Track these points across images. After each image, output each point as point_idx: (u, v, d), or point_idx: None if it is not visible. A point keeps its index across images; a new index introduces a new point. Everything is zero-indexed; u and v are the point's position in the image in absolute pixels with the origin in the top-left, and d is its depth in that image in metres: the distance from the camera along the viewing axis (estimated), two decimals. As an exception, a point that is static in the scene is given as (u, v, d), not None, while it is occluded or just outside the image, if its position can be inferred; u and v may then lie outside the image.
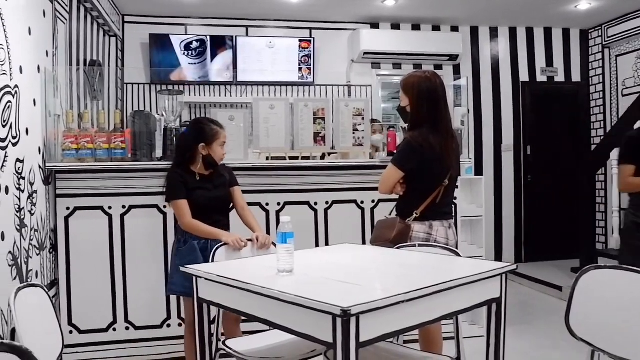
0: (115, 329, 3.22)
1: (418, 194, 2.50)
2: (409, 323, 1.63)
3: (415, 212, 2.48)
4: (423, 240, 2.48)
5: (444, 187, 2.50)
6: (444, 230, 2.52)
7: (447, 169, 2.50)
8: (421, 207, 2.48)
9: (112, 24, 4.80)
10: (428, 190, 2.49)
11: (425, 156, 2.43)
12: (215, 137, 2.65)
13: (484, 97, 5.99)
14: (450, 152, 2.49)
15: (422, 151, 2.43)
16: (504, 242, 6.04)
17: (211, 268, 2.03)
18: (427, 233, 2.50)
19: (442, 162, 2.47)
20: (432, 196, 2.48)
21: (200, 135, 2.66)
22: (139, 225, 3.22)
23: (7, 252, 2.40)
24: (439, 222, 2.51)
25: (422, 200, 2.48)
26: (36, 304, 1.81)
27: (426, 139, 2.44)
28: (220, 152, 2.68)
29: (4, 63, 2.41)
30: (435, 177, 2.49)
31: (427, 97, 2.48)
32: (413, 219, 2.49)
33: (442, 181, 2.49)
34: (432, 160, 2.44)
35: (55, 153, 3.11)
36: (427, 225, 2.50)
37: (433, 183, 2.49)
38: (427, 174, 2.48)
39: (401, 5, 5.15)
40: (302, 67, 5.51)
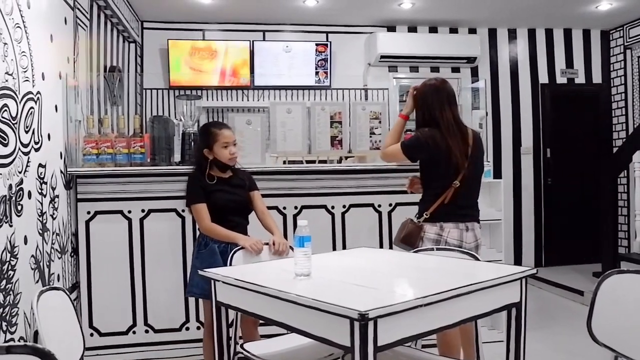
0: (135, 332, 3.25)
1: (430, 195, 2.58)
2: (427, 327, 1.62)
3: (425, 213, 2.55)
4: (433, 241, 2.51)
5: (453, 188, 2.52)
6: (457, 232, 2.52)
7: (455, 170, 2.51)
8: (431, 208, 2.54)
9: (132, 30, 4.87)
10: (437, 191, 2.55)
11: (432, 154, 2.53)
12: (214, 140, 2.65)
13: (503, 100, 5.93)
14: (457, 152, 2.50)
15: (428, 148, 2.53)
16: (524, 245, 5.96)
17: (229, 271, 2.04)
18: (438, 234, 2.53)
19: (448, 162, 2.50)
20: (441, 197, 2.53)
21: (203, 141, 2.70)
22: (158, 229, 3.26)
23: (30, 256, 2.44)
24: (453, 223, 2.53)
25: (433, 201, 2.55)
26: (58, 307, 1.83)
27: (432, 137, 2.52)
28: (223, 153, 2.65)
29: (26, 70, 2.46)
30: (443, 178, 2.53)
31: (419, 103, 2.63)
32: (423, 219, 2.55)
33: (451, 182, 2.52)
34: (439, 160, 2.52)
35: (76, 158, 3.16)
36: (438, 226, 2.54)
37: (441, 184, 2.54)
38: (435, 173, 2.56)
39: (418, 8, 5.13)
40: (319, 71, 5.52)
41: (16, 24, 2.34)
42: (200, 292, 2.58)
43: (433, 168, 2.56)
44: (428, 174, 2.61)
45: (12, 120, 2.29)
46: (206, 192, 2.63)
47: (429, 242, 2.51)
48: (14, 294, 2.25)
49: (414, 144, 2.61)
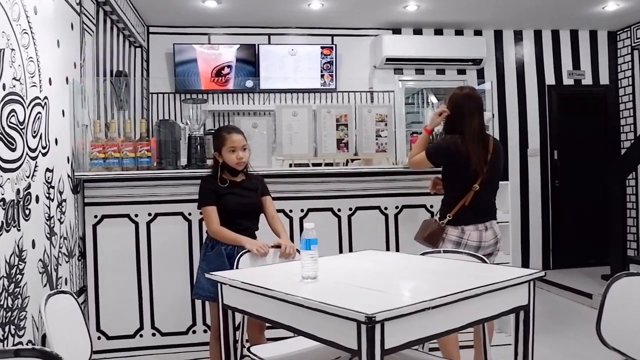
0: (142, 335, 3.26)
1: (451, 197, 2.73)
2: (435, 330, 1.61)
3: (448, 215, 2.69)
4: (454, 243, 2.66)
5: (474, 191, 2.67)
6: (477, 233, 2.68)
7: (476, 174, 2.67)
8: (453, 210, 2.69)
9: (138, 35, 4.90)
10: (458, 194, 2.70)
11: (453, 158, 2.68)
12: (222, 144, 2.67)
13: (509, 102, 5.91)
14: (475, 158, 2.66)
15: (449, 153, 2.70)
16: (531, 248, 5.93)
17: (235, 275, 2.05)
18: (459, 237, 2.68)
19: (469, 167, 2.66)
20: (462, 201, 2.68)
21: (214, 144, 2.73)
22: (164, 233, 3.26)
23: (37, 260, 2.45)
24: (473, 226, 2.69)
25: (454, 204, 2.69)
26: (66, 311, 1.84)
27: (454, 144, 2.68)
28: (230, 157, 2.66)
29: (33, 75, 2.48)
30: (464, 182, 2.68)
31: (453, 109, 2.77)
32: (447, 221, 2.70)
33: (472, 186, 2.67)
34: (459, 165, 2.67)
35: (83, 162, 3.17)
36: (460, 229, 2.69)
37: (462, 188, 2.69)
38: (456, 177, 2.71)
39: (423, 10, 5.13)
40: (324, 74, 5.52)
41: (23, 30, 2.36)
42: (206, 294, 2.59)
43: (454, 171, 2.73)
44: (450, 177, 2.78)
45: (20, 125, 2.30)
46: (217, 195, 2.65)
47: (450, 243, 2.67)
48: (22, 298, 2.26)
49: (436, 150, 2.81)
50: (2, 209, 2.10)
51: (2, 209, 2.10)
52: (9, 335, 2.12)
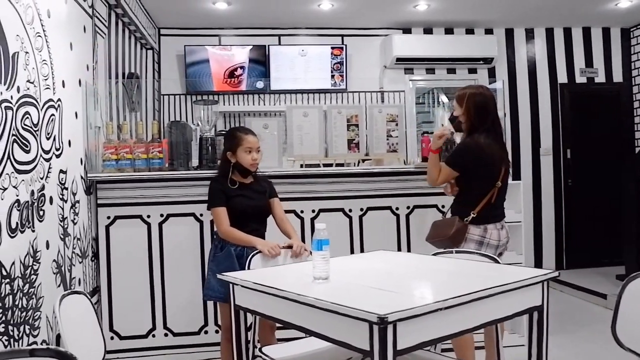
0: (155, 335, 3.28)
1: (474, 195, 2.69)
2: (447, 331, 1.60)
3: (472, 212, 2.66)
4: (476, 243, 2.65)
5: (497, 188, 2.69)
6: (496, 232, 2.68)
7: (499, 172, 2.69)
8: (477, 207, 2.66)
9: (149, 37, 4.93)
10: (482, 192, 2.68)
11: (481, 158, 2.66)
12: (238, 144, 2.67)
13: (521, 100, 5.86)
14: (501, 157, 2.70)
15: (477, 153, 2.66)
16: (544, 248, 5.88)
17: (247, 275, 2.05)
18: (482, 236, 2.66)
19: (494, 164, 2.67)
20: (487, 197, 2.67)
21: (226, 144, 2.73)
22: (176, 234, 3.28)
23: (51, 260, 2.48)
24: (493, 225, 2.68)
25: (478, 202, 2.66)
26: (80, 311, 1.86)
27: (478, 143, 2.67)
28: (246, 158, 2.68)
29: (47, 78, 2.50)
30: (488, 179, 2.68)
31: (479, 109, 2.72)
32: (471, 219, 2.66)
33: (495, 183, 2.68)
34: (487, 164, 2.66)
35: (96, 164, 3.20)
36: (482, 228, 2.67)
37: (487, 185, 2.68)
38: (481, 175, 2.68)
39: (433, 9, 5.11)
40: (335, 74, 5.52)
41: (37, 33, 2.39)
42: (216, 295, 2.60)
43: (477, 172, 2.68)
44: (470, 178, 2.72)
45: (34, 127, 2.33)
46: (227, 197, 2.65)
47: (472, 243, 2.65)
48: (37, 298, 2.28)
49: (459, 153, 2.77)
50: (17, 210, 2.13)
51: (17, 210, 2.13)
52: (23, 335, 2.15)
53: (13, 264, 2.08)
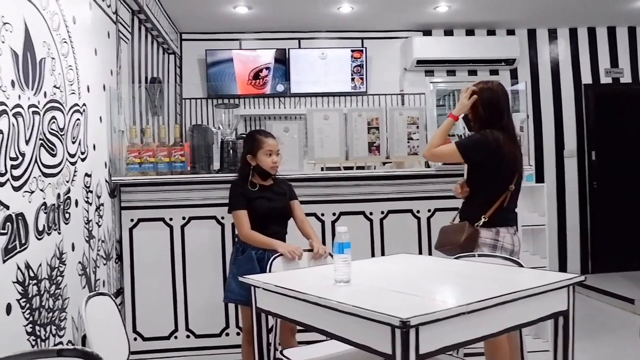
0: (177, 336, 3.31)
1: (485, 198, 2.52)
2: (470, 335, 1.58)
3: (483, 216, 2.48)
4: (490, 247, 2.48)
5: (510, 192, 2.51)
6: (510, 236, 2.52)
7: (513, 174, 2.52)
8: (489, 211, 2.48)
9: (171, 42, 5.00)
10: (494, 194, 2.51)
11: (493, 155, 2.47)
12: (258, 147, 2.69)
13: (544, 102, 5.78)
14: (515, 157, 2.53)
15: (491, 149, 2.46)
16: (569, 252, 5.77)
17: (269, 278, 2.06)
18: (494, 239, 2.49)
19: (510, 166, 2.50)
20: (499, 200, 2.49)
21: (247, 147, 2.74)
22: (198, 236, 3.31)
23: (77, 262, 2.52)
24: (505, 228, 2.51)
25: (490, 205, 2.49)
26: (105, 312, 1.89)
27: (498, 140, 2.47)
28: (266, 160, 2.69)
29: (73, 83, 2.55)
30: (503, 181, 2.51)
31: (489, 104, 2.54)
32: (481, 224, 2.49)
33: (509, 186, 2.51)
34: (500, 163, 2.48)
35: (120, 167, 3.25)
36: (494, 231, 2.50)
37: (500, 187, 2.51)
38: (495, 176, 2.51)
39: (454, 10, 5.07)
40: (355, 77, 5.52)
41: (63, 39, 2.44)
42: (237, 298, 2.61)
43: (491, 171, 2.49)
44: (483, 177, 2.53)
45: (60, 132, 2.37)
46: (247, 199, 2.67)
47: (485, 247, 2.47)
48: (63, 299, 2.33)
49: (475, 144, 2.52)
50: (44, 212, 2.17)
51: (44, 212, 2.17)
52: (50, 335, 2.19)
53: (40, 265, 2.12)
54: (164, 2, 4.51)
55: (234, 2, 4.65)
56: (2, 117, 1.87)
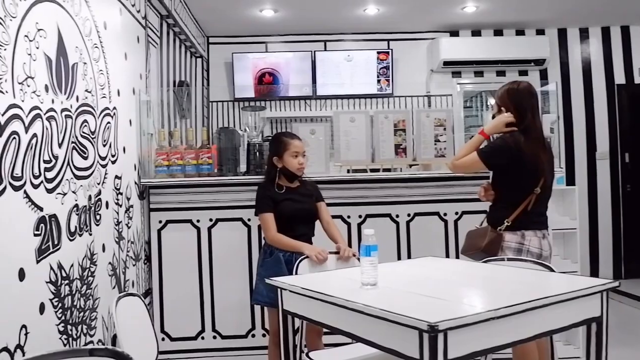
0: (204, 337, 3.34)
1: (509, 202, 2.48)
2: (500, 341, 1.55)
3: (506, 220, 2.45)
4: (515, 250, 2.43)
5: (535, 195, 2.46)
6: (537, 240, 2.45)
7: (538, 177, 2.46)
8: (512, 215, 2.45)
9: (198, 45, 5.06)
10: (519, 197, 2.46)
11: (515, 159, 2.44)
12: (284, 149, 2.70)
13: (575, 103, 5.65)
14: (540, 160, 2.46)
15: (512, 153, 2.44)
16: (601, 256, 5.62)
17: (295, 280, 2.06)
18: (519, 243, 2.44)
19: (533, 169, 2.45)
20: (524, 204, 2.45)
21: (272, 149, 2.75)
22: (225, 238, 3.34)
23: (107, 263, 2.57)
24: (532, 231, 2.46)
25: (514, 209, 2.46)
26: (134, 312, 1.92)
27: (517, 143, 2.45)
28: (292, 162, 2.70)
29: (103, 87, 2.60)
30: (525, 184, 2.46)
31: (513, 106, 2.51)
32: (504, 227, 2.45)
33: (534, 189, 2.45)
34: (522, 166, 2.44)
35: (149, 169, 3.30)
36: (519, 234, 2.45)
37: (524, 190, 2.46)
38: (517, 180, 2.47)
39: (482, 10, 5.01)
40: (381, 79, 5.50)
41: (94, 44, 2.49)
42: (265, 300, 2.62)
43: (514, 174, 2.47)
44: (506, 181, 2.51)
45: (92, 135, 2.42)
46: (274, 201, 2.68)
47: (510, 251, 2.43)
48: (93, 299, 2.37)
49: (495, 149, 2.53)
50: (76, 214, 2.22)
51: (76, 214, 2.22)
52: (81, 334, 2.23)
53: (72, 266, 2.17)
54: (192, 6, 4.58)
55: (260, 6, 4.69)
56: (36, 121, 1.92)
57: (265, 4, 4.65)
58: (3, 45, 1.73)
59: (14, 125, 1.77)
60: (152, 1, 3.50)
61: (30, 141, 1.87)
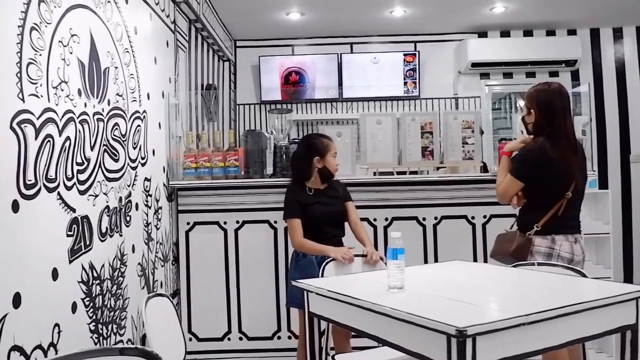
0: (230, 338, 3.36)
1: (539, 206, 2.43)
2: (530, 348, 1.52)
3: (535, 225, 2.40)
4: (545, 255, 2.38)
5: (566, 199, 2.39)
6: (568, 244, 2.40)
7: (569, 181, 2.40)
8: (542, 220, 2.40)
9: (226, 49, 5.12)
10: (549, 202, 2.41)
11: (540, 166, 2.39)
12: (327, 149, 2.73)
13: (608, 104, 5.51)
14: (571, 163, 2.39)
15: (535, 161, 2.39)
16: (635, 262, 5.46)
17: (322, 283, 2.06)
18: (550, 247, 2.39)
19: (562, 173, 2.39)
20: (554, 209, 2.39)
21: (313, 150, 2.75)
22: (251, 240, 3.36)
23: (136, 264, 2.62)
24: (563, 236, 2.40)
25: (543, 213, 2.40)
26: (163, 313, 1.94)
27: (540, 149, 2.39)
28: (334, 163, 2.75)
29: (134, 91, 2.66)
30: (555, 189, 2.40)
31: (541, 108, 2.45)
32: (534, 232, 2.40)
33: (564, 193, 2.39)
34: (550, 171, 2.38)
35: (177, 172, 3.35)
36: (550, 239, 2.40)
37: (554, 195, 2.40)
38: (545, 185, 2.41)
39: (511, 11, 4.93)
40: (408, 81, 5.46)
41: (125, 49, 2.54)
42: (300, 303, 2.62)
43: (542, 180, 2.41)
44: (536, 186, 2.45)
45: (122, 138, 2.47)
46: (303, 205, 2.69)
47: (540, 256, 2.38)
48: (123, 299, 2.42)
49: (519, 161, 2.48)
50: (107, 215, 2.27)
51: (107, 215, 2.27)
52: (111, 333, 2.28)
53: (103, 266, 2.21)
54: (220, 10, 4.63)
55: (287, 9, 4.71)
56: (69, 124, 1.96)
57: (291, 7, 4.67)
58: (39, 51, 1.78)
59: (48, 129, 1.82)
60: (181, 6, 3.56)
61: (63, 144, 1.92)
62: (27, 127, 1.70)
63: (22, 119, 1.67)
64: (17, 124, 1.65)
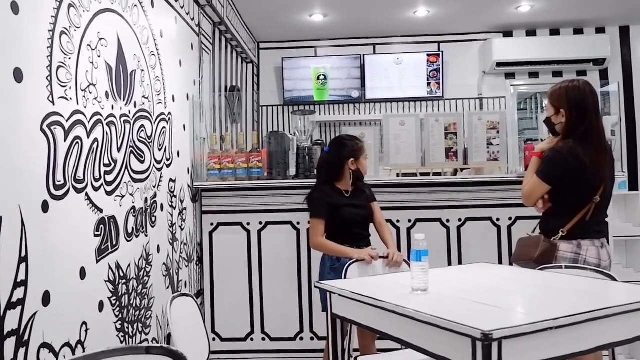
0: (253, 339, 3.38)
1: (565, 210, 2.33)
2: (557, 352, 1.49)
3: (561, 230, 2.30)
4: (570, 261, 2.29)
5: (594, 203, 2.29)
6: (595, 250, 2.30)
7: (598, 185, 2.30)
8: (568, 225, 2.30)
9: (249, 51, 5.15)
10: (576, 207, 2.31)
11: (571, 169, 2.28)
12: (361, 151, 2.74)
13: (638, 103, 5.38)
14: (601, 166, 2.30)
15: (566, 164, 2.28)
16: (667, 265, 5.32)
17: (344, 284, 2.05)
18: (575, 253, 2.30)
19: (592, 176, 2.28)
20: (581, 213, 2.29)
21: (347, 151, 2.72)
22: (274, 241, 3.37)
23: (161, 264, 2.65)
24: (589, 241, 2.30)
25: (570, 218, 2.30)
26: (187, 312, 1.96)
27: (572, 151, 2.28)
28: (366, 165, 2.78)
29: (159, 93, 2.69)
30: (584, 193, 2.30)
31: (573, 107, 2.33)
32: (559, 237, 2.31)
33: (593, 197, 2.29)
34: (579, 174, 2.28)
35: (201, 173, 3.39)
36: (575, 244, 2.30)
37: (582, 199, 2.31)
38: (574, 189, 2.31)
39: (537, 10, 4.85)
40: (431, 82, 5.42)
41: (151, 52, 2.58)
42: None
43: (572, 184, 2.31)
44: (564, 190, 2.34)
45: (148, 139, 2.51)
46: (334, 206, 2.65)
47: (565, 261, 2.29)
48: (149, 298, 2.45)
49: (548, 163, 2.35)
50: (133, 216, 2.30)
51: (133, 216, 2.30)
52: (136, 332, 2.31)
53: (129, 266, 2.25)
54: (243, 13, 4.67)
55: (310, 10, 4.72)
56: (97, 126, 2.00)
57: (314, 8, 4.68)
58: (68, 55, 1.82)
59: (77, 131, 1.86)
60: (205, 9, 3.60)
61: (91, 145, 1.96)
62: (57, 129, 1.74)
63: (52, 121, 1.71)
64: (47, 126, 1.69)
